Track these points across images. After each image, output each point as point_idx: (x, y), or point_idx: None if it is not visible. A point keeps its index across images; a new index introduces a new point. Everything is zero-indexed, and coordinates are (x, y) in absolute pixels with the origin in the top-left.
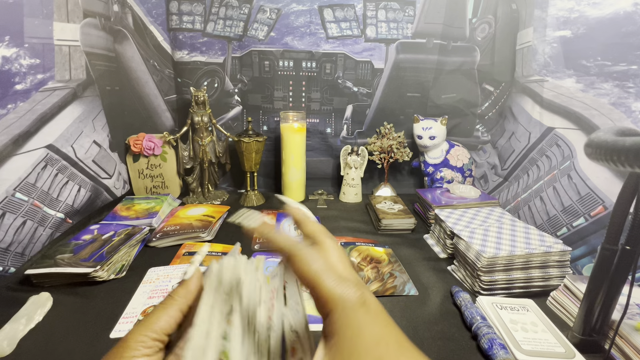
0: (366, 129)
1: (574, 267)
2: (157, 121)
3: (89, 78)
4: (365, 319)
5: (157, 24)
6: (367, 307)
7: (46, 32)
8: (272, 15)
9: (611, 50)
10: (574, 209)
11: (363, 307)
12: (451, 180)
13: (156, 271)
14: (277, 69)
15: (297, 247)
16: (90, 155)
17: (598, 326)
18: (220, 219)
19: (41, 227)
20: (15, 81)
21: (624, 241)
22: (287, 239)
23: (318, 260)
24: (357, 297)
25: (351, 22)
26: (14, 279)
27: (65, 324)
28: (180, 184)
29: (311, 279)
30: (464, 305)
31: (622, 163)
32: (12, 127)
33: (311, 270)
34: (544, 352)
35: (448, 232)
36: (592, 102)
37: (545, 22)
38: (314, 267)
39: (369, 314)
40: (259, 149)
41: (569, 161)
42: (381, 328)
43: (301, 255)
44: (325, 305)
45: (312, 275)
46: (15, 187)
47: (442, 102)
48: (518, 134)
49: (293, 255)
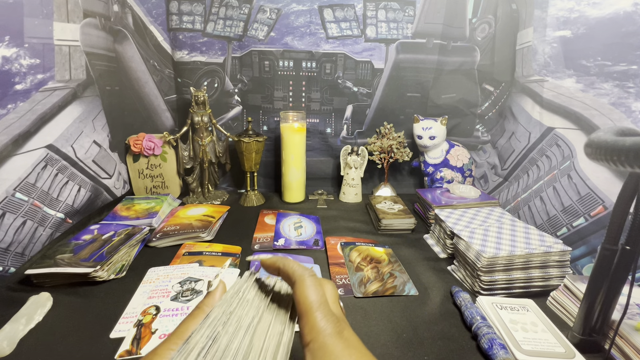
0: (366, 129)
1: (574, 267)
2: (157, 121)
3: (89, 78)
4: (341, 347)
5: (157, 24)
6: (345, 338)
7: (46, 32)
8: (272, 15)
9: (611, 50)
10: (574, 209)
11: (341, 338)
12: (451, 180)
13: (156, 271)
14: (277, 69)
15: (304, 276)
16: (90, 155)
17: (598, 326)
18: (220, 219)
19: (41, 227)
20: (15, 81)
21: (624, 241)
22: (299, 266)
23: (318, 293)
24: (337, 330)
25: (351, 22)
26: (14, 279)
27: (65, 324)
28: (180, 184)
29: (306, 308)
30: (464, 305)
31: (622, 163)
32: (12, 127)
33: (308, 301)
34: (544, 352)
35: (448, 232)
36: (592, 102)
37: (545, 22)
38: (312, 298)
39: (346, 344)
40: (259, 149)
41: (569, 161)
42: (357, 357)
43: (306, 284)
44: (309, 333)
45: (307, 305)
46: (15, 187)
47: (442, 102)
48: (518, 134)
49: (300, 282)
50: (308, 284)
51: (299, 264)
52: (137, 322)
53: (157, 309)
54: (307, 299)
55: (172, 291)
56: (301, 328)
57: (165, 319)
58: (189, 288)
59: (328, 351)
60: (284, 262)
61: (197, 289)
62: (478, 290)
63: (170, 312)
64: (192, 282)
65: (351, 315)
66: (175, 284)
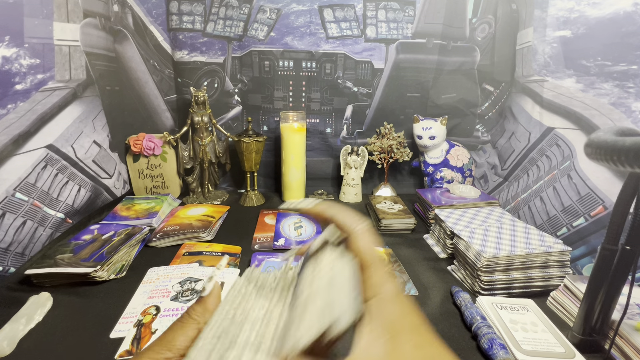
0: (366, 129)
1: (574, 267)
2: (157, 121)
3: (89, 78)
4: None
5: (157, 24)
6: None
7: (46, 32)
8: (272, 15)
9: (611, 50)
10: (574, 209)
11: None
12: (451, 180)
13: (156, 271)
14: (277, 69)
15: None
16: (90, 155)
17: (598, 326)
18: (220, 219)
19: (41, 227)
20: (15, 81)
21: (624, 241)
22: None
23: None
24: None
25: (351, 22)
26: (14, 279)
27: (65, 324)
28: (180, 184)
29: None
30: (464, 305)
31: (622, 163)
32: (12, 127)
33: (373, 255)
34: (544, 352)
35: (448, 232)
36: (592, 102)
37: (545, 22)
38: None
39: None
40: (259, 149)
41: (569, 161)
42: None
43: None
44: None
45: (372, 259)
46: (15, 187)
47: (442, 102)
48: (518, 134)
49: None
50: (369, 238)
51: (351, 214)
52: (137, 322)
53: (157, 309)
54: (371, 253)
55: (172, 291)
56: (364, 281)
57: (166, 319)
58: (189, 288)
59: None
60: (334, 212)
61: (197, 289)
62: (478, 290)
63: (171, 312)
64: (192, 282)
65: None
66: (176, 284)
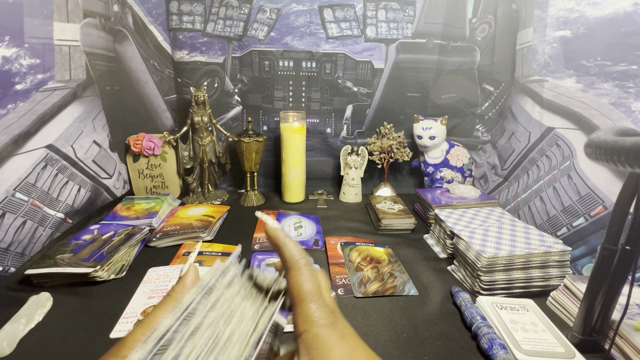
0: (366, 129)
1: (574, 267)
2: (157, 121)
3: (89, 78)
4: (335, 339)
5: (157, 24)
6: (339, 329)
7: (46, 32)
8: (272, 15)
9: (611, 50)
10: (574, 209)
11: (335, 329)
12: (451, 180)
13: (156, 271)
14: (277, 69)
15: (301, 263)
16: (90, 155)
17: (598, 326)
18: (220, 219)
19: (41, 227)
20: (15, 81)
21: (624, 241)
22: (298, 251)
23: (313, 283)
24: (331, 321)
25: (351, 22)
26: (14, 279)
27: (65, 324)
28: (180, 184)
29: (301, 297)
30: (464, 305)
31: (622, 163)
32: (12, 127)
33: (302, 291)
34: (544, 352)
35: (448, 232)
36: (592, 102)
37: (545, 22)
38: (307, 288)
39: (340, 335)
40: (259, 149)
41: (569, 161)
42: (352, 348)
43: (302, 273)
44: (303, 323)
45: (302, 295)
46: (15, 187)
47: (442, 102)
48: (518, 134)
49: (296, 270)
50: (304, 273)
51: (298, 248)
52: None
53: None
54: (302, 289)
55: None
56: (294, 318)
57: None
58: None
59: (322, 342)
60: (284, 242)
61: None
62: (478, 290)
63: None
64: None
65: (351, 315)
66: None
